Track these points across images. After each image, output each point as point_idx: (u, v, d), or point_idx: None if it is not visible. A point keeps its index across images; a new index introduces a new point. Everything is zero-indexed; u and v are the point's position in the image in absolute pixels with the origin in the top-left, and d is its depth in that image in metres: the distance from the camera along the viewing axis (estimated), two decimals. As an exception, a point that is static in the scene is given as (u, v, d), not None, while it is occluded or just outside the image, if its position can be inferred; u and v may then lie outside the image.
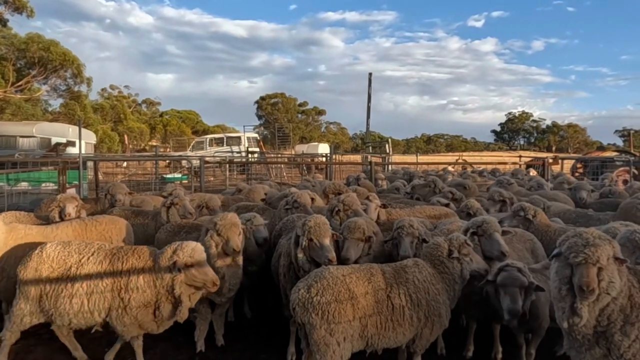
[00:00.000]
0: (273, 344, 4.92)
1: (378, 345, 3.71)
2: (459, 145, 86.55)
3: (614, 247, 3.02)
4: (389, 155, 28.44)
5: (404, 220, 4.68)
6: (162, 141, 55.60)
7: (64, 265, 4.18)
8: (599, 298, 2.95)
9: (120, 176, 22.92)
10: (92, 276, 4.11)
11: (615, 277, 2.96)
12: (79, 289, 4.09)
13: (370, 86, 37.72)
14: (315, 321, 3.49)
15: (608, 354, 3.03)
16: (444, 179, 11.00)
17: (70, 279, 4.12)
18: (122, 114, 49.57)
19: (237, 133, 34.01)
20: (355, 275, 3.72)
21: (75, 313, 4.10)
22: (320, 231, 4.11)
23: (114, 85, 60.89)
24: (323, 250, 4.07)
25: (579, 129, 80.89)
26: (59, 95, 34.93)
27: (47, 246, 4.30)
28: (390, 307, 3.67)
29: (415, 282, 3.81)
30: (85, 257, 4.20)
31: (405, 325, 3.70)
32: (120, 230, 5.48)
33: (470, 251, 4.05)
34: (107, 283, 4.09)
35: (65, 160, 11.91)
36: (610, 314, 3.00)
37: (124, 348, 4.71)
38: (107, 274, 4.12)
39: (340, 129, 79.02)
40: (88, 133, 21.40)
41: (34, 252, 4.28)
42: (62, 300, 4.09)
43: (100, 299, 4.07)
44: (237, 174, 24.97)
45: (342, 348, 3.50)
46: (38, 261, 4.20)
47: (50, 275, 4.15)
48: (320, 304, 3.51)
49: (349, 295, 3.56)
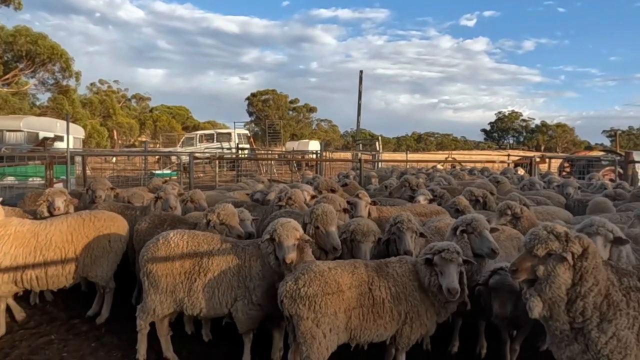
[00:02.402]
0: (260, 340, 4.90)
1: (361, 338, 3.77)
2: (449, 143, 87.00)
3: (564, 244, 3.06)
4: (379, 153, 28.53)
5: (402, 215, 4.67)
6: (152, 137, 55.20)
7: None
8: (543, 289, 3.06)
9: (108, 172, 22.69)
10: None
11: (555, 272, 3.04)
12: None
13: (361, 84, 37.75)
14: (303, 312, 3.57)
15: (586, 349, 3.09)
16: (432, 177, 11.06)
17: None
18: (111, 109, 49.06)
19: (227, 129, 33.83)
20: (340, 268, 3.82)
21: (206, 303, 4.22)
22: (327, 219, 4.26)
23: (103, 80, 60.37)
24: (329, 237, 4.23)
25: (567, 129, 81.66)
26: (47, 90, 34.52)
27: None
28: (371, 299, 3.75)
29: (394, 276, 3.88)
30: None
31: (385, 318, 3.77)
32: (119, 227, 5.41)
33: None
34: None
35: (53, 155, 11.81)
36: (583, 310, 3.05)
37: (123, 348, 4.70)
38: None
39: (331, 127, 79.05)
40: (76, 128, 21.17)
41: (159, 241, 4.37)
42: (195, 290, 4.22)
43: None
44: (227, 170, 24.90)
45: (327, 340, 3.58)
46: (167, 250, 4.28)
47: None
48: (307, 295, 3.58)
49: (335, 287, 3.65)
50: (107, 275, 5.29)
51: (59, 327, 5.31)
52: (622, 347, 2.99)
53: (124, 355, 4.64)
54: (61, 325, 5.35)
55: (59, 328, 5.27)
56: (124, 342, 4.88)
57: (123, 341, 4.91)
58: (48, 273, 4.90)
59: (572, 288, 3.06)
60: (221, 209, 5.03)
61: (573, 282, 3.06)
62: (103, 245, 5.20)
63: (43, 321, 5.44)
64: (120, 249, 5.38)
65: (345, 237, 4.60)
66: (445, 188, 8.67)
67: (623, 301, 3.07)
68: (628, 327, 3.02)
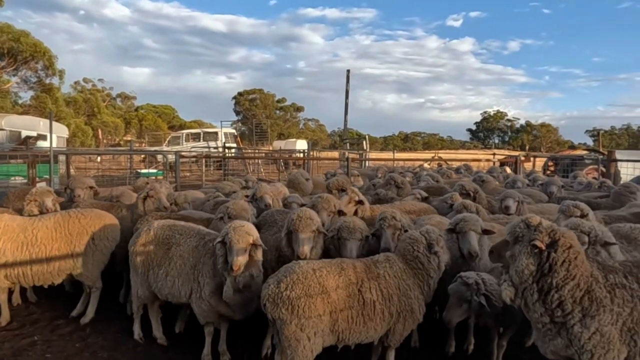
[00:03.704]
0: (249, 337, 4.88)
1: (349, 340, 3.70)
2: (435, 143, 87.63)
3: (531, 232, 3.19)
4: (366, 152, 28.62)
5: (386, 212, 4.66)
6: (138, 136, 54.58)
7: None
8: (510, 272, 3.22)
9: (93, 171, 22.41)
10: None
11: (519, 257, 3.17)
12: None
13: (348, 83, 37.93)
14: (286, 316, 3.47)
15: (569, 344, 3.13)
16: (420, 175, 11.13)
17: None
18: (96, 107, 48.50)
19: (214, 128, 33.62)
20: (325, 269, 3.69)
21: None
22: (300, 225, 4.15)
23: (88, 79, 59.66)
24: (297, 243, 4.16)
25: (552, 129, 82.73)
26: (30, 88, 34.04)
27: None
28: (361, 301, 3.65)
29: (386, 277, 3.81)
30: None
31: (376, 320, 3.69)
32: (106, 225, 5.32)
33: (444, 244, 4.10)
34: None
35: (36, 154, 11.63)
36: (560, 303, 3.08)
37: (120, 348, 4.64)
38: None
39: (319, 126, 79.17)
40: (60, 127, 20.87)
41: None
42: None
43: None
44: (213, 170, 24.74)
45: (312, 343, 3.48)
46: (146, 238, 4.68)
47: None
48: (290, 298, 3.47)
49: (319, 290, 3.53)
50: (92, 274, 5.22)
51: (42, 328, 5.21)
52: (605, 343, 3.04)
53: (110, 356, 4.58)
54: (45, 326, 5.25)
55: (43, 329, 5.18)
56: (109, 343, 4.82)
57: (109, 342, 4.85)
58: (33, 269, 4.97)
59: (542, 278, 3.11)
60: (231, 204, 5.12)
61: (542, 272, 3.11)
62: (87, 243, 5.14)
63: (26, 322, 5.34)
64: (106, 248, 5.29)
65: (333, 235, 4.55)
66: (433, 186, 8.73)
67: (607, 297, 3.10)
68: (611, 323, 3.06)
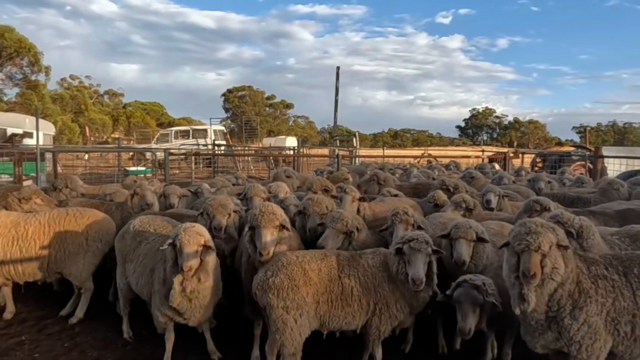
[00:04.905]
0: (238, 347, 4.73)
1: (331, 325, 3.89)
2: (424, 140, 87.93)
3: (558, 234, 3.15)
4: (356, 149, 28.63)
5: (398, 208, 4.76)
6: (126, 133, 54.06)
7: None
8: (545, 284, 3.09)
9: (80, 169, 22.19)
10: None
11: (559, 263, 3.10)
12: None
13: (338, 80, 37.73)
14: (272, 301, 3.74)
15: (559, 337, 3.18)
16: (410, 172, 11.18)
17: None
18: (83, 104, 47.90)
19: (203, 126, 33.39)
20: (308, 256, 3.97)
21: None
22: (262, 220, 4.01)
23: (75, 75, 58.72)
24: (259, 239, 4.00)
25: (539, 125, 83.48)
26: (15, 84, 33.58)
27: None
28: (340, 287, 3.86)
29: (364, 266, 3.97)
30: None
31: (354, 306, 3.86)
32: (101, 227, 5.27)
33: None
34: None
35: (22, 152, 11.48)
36: (560, 299, 3.15)
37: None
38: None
39: (309, 123, 78.97)
40: (46, 124, 20.61)
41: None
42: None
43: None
44: (203, 167, 24.62)
45: (299, 325, 3.72)
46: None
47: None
48: (275, 284, 3.76)
49: (301, 274, 3.80)
50: (82, 274, 5.16)
51: (30, 327, 5.15)
52: (592, 333, 3.10)
53: (99, 355, 4.55)
54: (32, 325, 5.19)
55: (30, 328, 5.12)
56: (98, 342, 4.78)
57: (98, 341, 4.81)
58: (23, 264, 4.94)
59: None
60: (211, 200, 4.96)
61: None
62: (79, 242, 5.10)
63: (13, 321, 5.27)
64: (99, 250, 5.23)
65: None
66: (421, 183, 8.78)
67: (592, 288, 3.17)
68: (597, 314, 3.13)
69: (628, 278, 3.22)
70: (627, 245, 4.29)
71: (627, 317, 3.13)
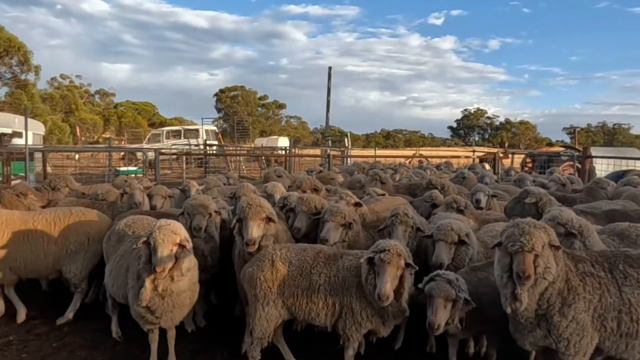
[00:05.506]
0: (229, 340, 4.80)
1: (300, 317, 3.98)
2: (417, 140, 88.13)
3: (549, 234, 3.18)
4: (348, 149, 28.67)
5: (398, 208, 4.71)
6: (117, 133, 53.67)
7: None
8: (537, 283, 3.12)
9: (71, 169, 21.98)
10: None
11: (551, 262, 3.13)
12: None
13: (330, 80, 37.70)
14: (248, 289, 4.05)
15: (548, 334, 3.22)
16: (401, 172, 11.23)
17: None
18: (74, 104, 47.49)
19: (195, 126, 33.27)
20: (285, 249, 4.10)
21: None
22: (249, 212, 4.12)
23: (65, 75, 58.11)
24: (245, 231, 4.15)
25: (530, 126, 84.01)
26: (4, 84, 33.25)
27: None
28: (308, 281, 3.92)
29: (339, 267, 3.93)
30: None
31: (319, 304, 3.87)
32: (103, 229, 5.26)
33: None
34: None
35: (10, 151, 11.37)
36: (549, 297, 3.18)
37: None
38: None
39: (301, 123, 78.84)
40: (36, 124, 20.46)
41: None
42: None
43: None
44: (194, 167, 24.53)
45: (267, 313, 3.91)
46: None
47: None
48: (248, 273, 4.03)
49: (270, 264, 3.97)
50: (81, 273, 5.22)
51: (18, 327, 5.10)
52: (580, 330, 3.14)
53: (88, 355, 4.52)
54: (20, 325, 5.14)
55: (18, 329, 5.07)
56: (87, 342, 4.76)
57: (87, 341, 4.79)
58: (31, 260, 5.01)
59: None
60: (192, 200, 4.93)
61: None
62: (81, 242, 5.19)
63: (1, 322, 5.22)
64: (98, 251, 5.22)
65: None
66: (415, 183, 8.84)
67: (580, 286, 3.21)
68: (585, 310, 3.17)
69: (614, 274, 3.26)
70: (617, 243, 4.34)
71: (613, 313, 3.17)
